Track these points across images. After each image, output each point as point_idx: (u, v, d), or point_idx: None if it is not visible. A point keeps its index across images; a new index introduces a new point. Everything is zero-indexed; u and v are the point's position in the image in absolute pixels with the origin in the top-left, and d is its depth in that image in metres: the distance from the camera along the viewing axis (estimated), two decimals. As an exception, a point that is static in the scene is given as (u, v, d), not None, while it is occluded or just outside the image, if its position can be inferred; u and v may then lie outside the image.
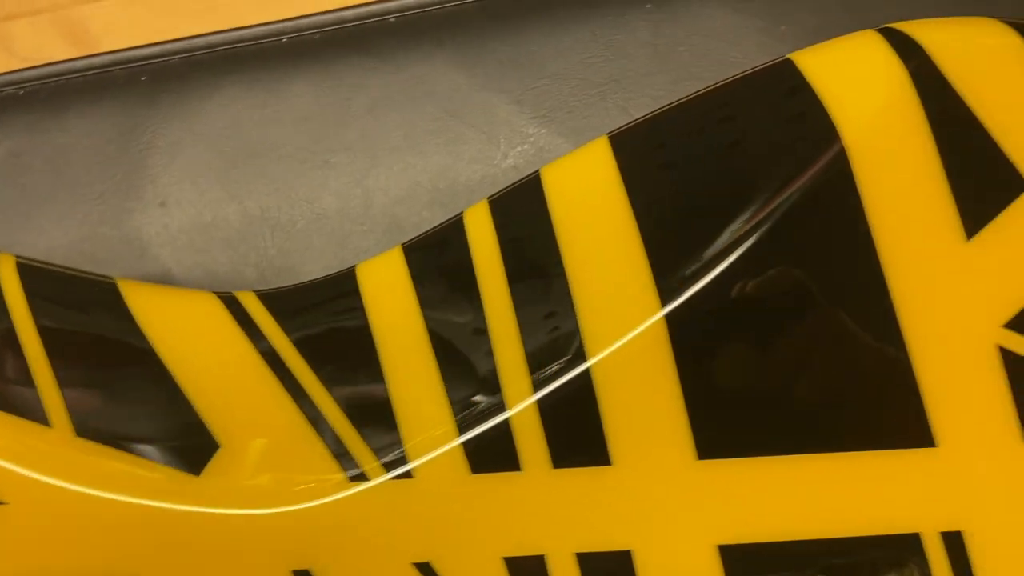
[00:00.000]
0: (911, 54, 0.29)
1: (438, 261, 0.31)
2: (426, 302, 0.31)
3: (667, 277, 0.29)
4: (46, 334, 0.31)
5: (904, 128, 0.28)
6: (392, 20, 0.44)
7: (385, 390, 0.30)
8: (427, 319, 0.30)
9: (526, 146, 0.42)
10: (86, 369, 0.31)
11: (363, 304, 0.31)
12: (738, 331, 0.29)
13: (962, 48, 0.29)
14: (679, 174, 0.30)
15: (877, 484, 0.28)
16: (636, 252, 0.29)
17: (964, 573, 0.28)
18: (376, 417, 0.30)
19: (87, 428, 0.30)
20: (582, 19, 0.42)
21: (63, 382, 0.31)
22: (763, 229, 0.29)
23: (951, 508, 0.28)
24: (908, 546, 0.28)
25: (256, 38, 0.45)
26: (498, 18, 0.43)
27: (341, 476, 0.29)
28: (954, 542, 0.28)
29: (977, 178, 0.28)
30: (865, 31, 0.30)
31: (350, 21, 0.44)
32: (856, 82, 0.29)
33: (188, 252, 0.42)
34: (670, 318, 0.29)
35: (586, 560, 0.29)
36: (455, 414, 0.29)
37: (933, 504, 0.28)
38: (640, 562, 0.29)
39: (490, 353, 0.30)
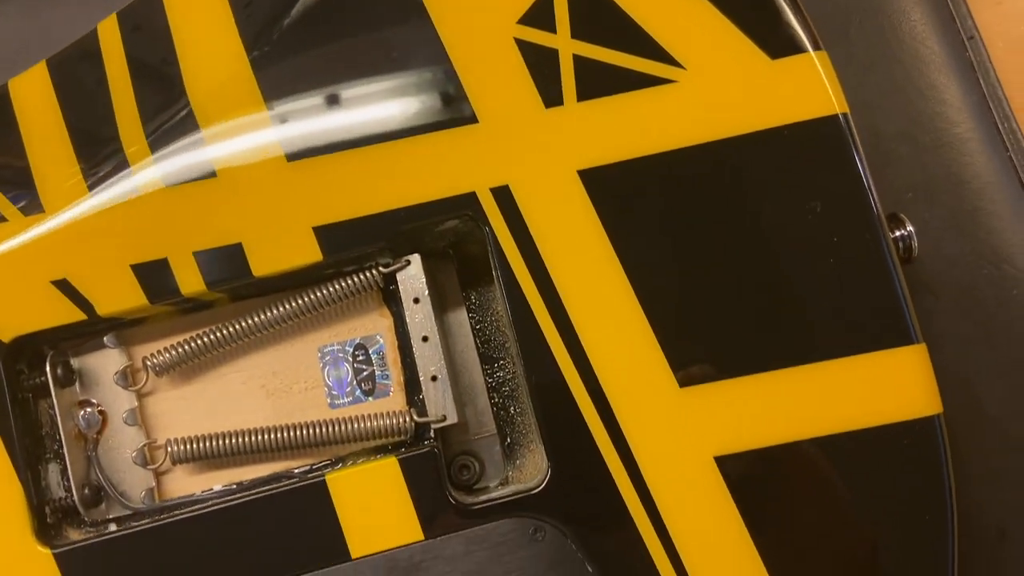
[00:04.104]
0: None
1: (75, 64, 0.37)
2: (64, 95, 0.36)
3: (260, 48, 0.36)
4: None
5: None
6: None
7: (26, 161, 0.35)
8: (63, 107, 0.36)
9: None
10: None
11: (12, 105, 0.36)
12: (318, 70, 0.35)
13: None
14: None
15: (437, 159, 0.34)
16: (234, 38, 0.36)
17: (513, 215, 0.34)
18: (17, 180, 0.35)
19: None
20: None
21: None
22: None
23: (497, 168, 0.34)
24: (468, 203, 0.34)
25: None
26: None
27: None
28: (503, 194, 0.34)
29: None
30: None
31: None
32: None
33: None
34: (258, 68, 0.35)
35: (203, 256, 0.34)
36: (84, 174, 0.35)
37: (482, 167, 0.34)
38: (249, 251, 0.34)
39: (115, 126, 0.35)
